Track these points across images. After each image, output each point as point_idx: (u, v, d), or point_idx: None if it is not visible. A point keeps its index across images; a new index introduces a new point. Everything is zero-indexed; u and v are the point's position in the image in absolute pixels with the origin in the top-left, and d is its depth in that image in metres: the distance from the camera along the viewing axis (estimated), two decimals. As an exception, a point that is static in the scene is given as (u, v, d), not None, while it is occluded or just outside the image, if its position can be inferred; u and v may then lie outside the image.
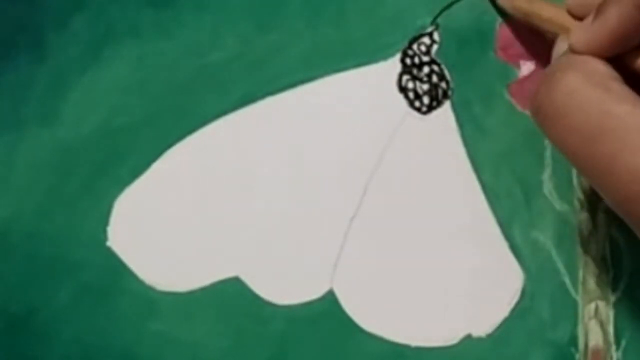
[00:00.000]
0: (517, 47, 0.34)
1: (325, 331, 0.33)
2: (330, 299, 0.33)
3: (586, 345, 0.32)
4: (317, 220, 0.34)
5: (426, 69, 0.35)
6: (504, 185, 0.34)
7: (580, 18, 0.28)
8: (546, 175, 0.34)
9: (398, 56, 0.35)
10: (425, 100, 0.34)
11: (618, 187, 0.23)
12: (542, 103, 0.26)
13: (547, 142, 0.34)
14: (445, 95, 0.34)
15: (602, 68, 0.25)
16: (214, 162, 0.35)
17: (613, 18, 0.26)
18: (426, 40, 0.35)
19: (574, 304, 0.32)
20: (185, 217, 0.34)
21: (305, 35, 0.35)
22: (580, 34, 0.27)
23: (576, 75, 0.25)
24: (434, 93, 0.34)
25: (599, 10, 0.26)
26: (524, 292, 0.33)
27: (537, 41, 0.33)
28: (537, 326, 0.32)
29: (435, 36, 0.35)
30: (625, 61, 0.26)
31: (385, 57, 0.35)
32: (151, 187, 0.35)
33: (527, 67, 0.34)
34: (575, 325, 0.32)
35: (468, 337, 0.32)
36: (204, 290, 0.33)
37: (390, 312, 0.33)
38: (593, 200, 0.33)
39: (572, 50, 0.27)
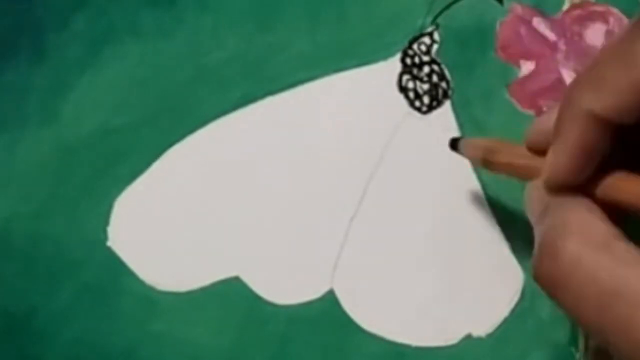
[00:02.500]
0: (517, 47, 0.34)
1: (325, 331, 0.33)
2: (330, 299, 0.33)
3: (586, 345, 0.32)
4: (317, 220, 0.34)
5: (426, 69, 0.35)
6: (504, 185, 0.34)
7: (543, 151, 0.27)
8: (546, 175, 0.34)
9: (398, 56, 0.35)
10: (426, 100, 0.34)
11: (636, 349, 0.23)
12: (547, 274, 0.25)
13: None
14: (446, 95, 0.34)
15: (600, 226, 0.24)
16: (214, 162, 0.35)
17: (571, 135, 0.25)
18: (426, 40, 0.35)
19: (574, 304, 0.32)
20: (185, 217, 0.34)
21: (305, 35, 0.35)
22: (549, 168, 0.26)
23: (578, 241, 0.24)
24: (434, 93, 0.34)
25: (556, 133, 0.25)
26: (524, 292, 0.33)
27: (537, 41, 0.33)
28: (537, 326, 0.32)
29: (435, 36, 0.35)
30: (599, 192, 0.25)
31: (385, 57, 0.35)
32: (151, 187, 0.35)
33: (527, 67, 0.34)
34: (575, 325, 0.32)
35: (468, 337, 0.32)
36: (204, 290, 0.33)
37: (391, 312, 0.33)
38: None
39: (547, 186, 0.26)
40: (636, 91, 0.23)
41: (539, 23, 0.34)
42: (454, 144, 0.32)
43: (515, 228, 0.33)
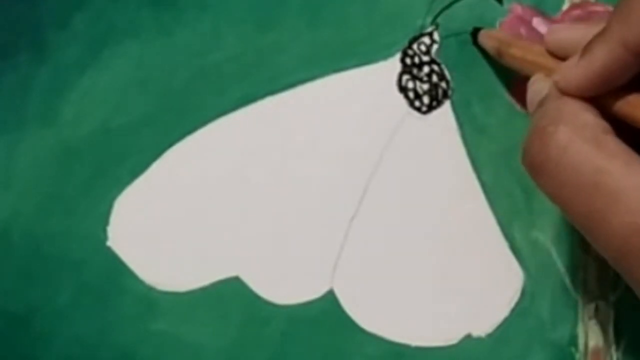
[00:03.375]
0: (517, 47, 0.34)
1: (325, 331, 0.33)
2: (330, 299, 0.33)
3: (586, 345, 0.32)
4: (317, 220, 0.34)
5: (426, 69, 0.35)
6: (504, 185, 0.34)
7: (560, 59, 0.28)
8: (546, 175, 0.34)
9: (398, 56, 0.35)
10: (425, 100, 0.34)
11: (612, 243, 0.24)
12: (535, 158, 0.26)
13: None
14: (445, 95, 0.34)
15: (593, 120, 0.25)
16: (213, 162, 0.35)
17: (600, 57, 0.25)
18: (426, 40, 0.35)
19: (574, 304, 0.32)
20: (185, 217, 0.34)
21: (305, 35, 0.35)
22: (566, 72, 0.26)
23: (569, 129, 0.25)
24: (434, 93, 0.34)
25: (586, 49, 0.26)
26: (524, 292, 0.33)
27: (537, 41, 0.33)
28: (537, 326, 0.32)
29: (435, 36, 0.35)
30: (605, 105, 0.26)
31: (385, 57, 0.35)
32: (151, 187, 0.35)
33: (527, 67, 0.34)
34: (575, 325, 0.32)
35: (468, 337, 0.32)
36: (204, 290, 0.33)
37: (390, 312, 0.33)
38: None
39: (558, 89, 0.27)
40: None
41: (539, 23, 0.34)
42: (475, 36, 0.34)
43: (515, 228, 0.33)
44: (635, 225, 0.23)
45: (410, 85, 0.34)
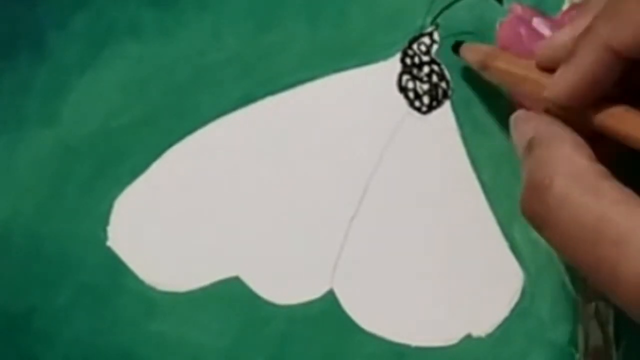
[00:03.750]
0: (517, 47, 0.34)
1: (325, 331, 0.33)
2: (330, 299, 0.33)
3: (586, 345, 0.32)
4: (317, 220, 0.34)
5: (426, 69, 0.35)
6: (504, 185, 0.33)
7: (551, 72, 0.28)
8: (546, 175, 0.34)
9: (398, 56, 0.35)
10: (425, 100, 0.34)
11: (623, 291, 0.23)
12: (534, 211, 0.25)
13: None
14: (445, 95, 0.34)
15: (588, 166, 0.25)
16: (213, 162, 0.35)
17: (586, 58, 0.25)
18: (426, 40, 0.35)
19: (574, 304, 0.32)
20: (185, 217, 0.34)
21: (305, 35, 0.35)
22: (555, 82, 0.26)
23: (564, 181, 0.24)
24: (434, 93, 0.34)
25: (570, 55, 0.26)
26: (524, 292, 0.33)
27: (537, 41, 0.33)
28: (537, 326, 0.32)
29: (435, 36, 0.35)
30: (593, 122, 0.26)
31: (385, 57, 0.35)
32: (151, 187, 0.35)
33: (527, 67, 0.34)
34: (575, 325, 0.32)
35: (468, 337, 0.32)
36: (204, 290, 0.33)
37: (390, 312, 0.33)
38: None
39: (550, 101, 0.26)
40: None
41: (539, 23, 0.34)
42: (456, 48, 0.33)
43: (515, 228, 0.33)
44: None
45: (410, 85, 0.34)
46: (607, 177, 0.24)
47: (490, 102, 0.34)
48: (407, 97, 0.34)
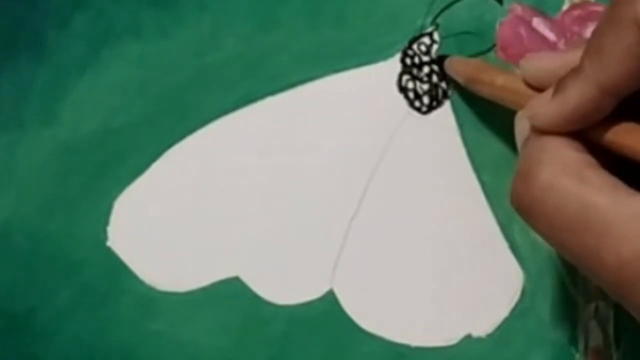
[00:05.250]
0: (517, 47, 0.34)
1: (325, 331, 0.33)
2: (330, 299, 0.33)
3: (586, 345, 0.32)
4: (317, 220, 0.34)
5: (426, 69, 0.35)
6: (504, 185, 0.33)
7: (536, 89, 0.28)
8: (546, 175, 0.34)
9: (398, 56, 0.35)
10: (425, 100, 0.34)
11: (607, 275, 0.23)
12: (521, 200, 0.26)
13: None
14: (445, 95, 0.34)
15: (574, 156, 0.25)
16: (214, 162, 0.35)
17: (574, 97, 0.25)
18: (426, 40, 0.35)
19: (574, 304, 0.32)
20: (185, 217, 0.34)
21: (305, 35, 0.35)
22: (541, 110, 0.26)
23: (550, 170, 0.25)
24: (434, 93, 0.34)
25: (559, 88, 0.25)
26: (524, 292, 0.33)
27: (537, 41, 0.33)
28: (537, 326, 0.32)
29: (435, 36, 0.35)
30: (588, 135, 0.26)
31: (385, 57, 0.35)
32: (151, 187, 0.35)
33: (527, 67, 0.34)
34: (575, 325, 0.32)
35: (468, 337, 0.32)
36: (204, 290, 0.33)
37: (390, 312, 0.33)
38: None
39: (534, 127, 0.26)
40: (631, 58, 0.23)
41: (539, 23, 0.34)
42: (441, 61, 0.33)
43: (515, 228, 0.33)
44: (626, 256, 0.22)
45: (410, 85, 0.34)
46: (593, 166, 0.25)
47: (490, 102, 0.34)
48: (407, 97, 0.34)
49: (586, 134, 0.26)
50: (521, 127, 0.28)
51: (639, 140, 0.25)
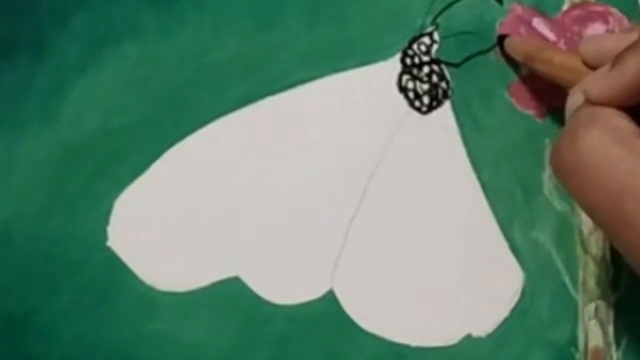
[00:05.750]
0: (517, 47, 0.34)
1: (325, 331, 0.33)
2: (330, 299, 0.33)
3: (586, 345, 0.32)
4: (317, 220, 0.34)
5: (426, 69, 0.35)
6: (504, 185, 0.34)
7: (594, 68, 0.28)
8: (546, 175, 0.34)
9: (398, 56, 0.35)
10: (425, 100, 0.34)
11: (638, 241, 0.23)
12: (564, 158, 0.26)
13: (547, 141, 0.34)
14: (445, 95, 0.34)
15: (625, 124, 0.25)
16: (213, 162, 0.35)
17: (631, 69, 0.25)
18: (426, 40, 0.35)
19: (574, 304, 0.32)
20: (185, 217, 0.34)
21: (305, 35, 0.35)
22: (596, 82, 0.26)
23: (600, 131, 0.25)
24: (434, 93, 0.34)
25: (617, 60, 0.26)
26: (524, 292, 0.33)
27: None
28: (537, 326, 0.32)
29: (435, 36, 0.35)
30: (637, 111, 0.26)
31: (385, 57, 0.35)
32: (151, 187, 0.35)
33: (526, 67, 0.34)
34: (575, 325, 0.32)
35: (468, 337, 0.32)
36: (204, 290, 0.33)
37: (390, 312, 0.33)
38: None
39: (588, 99, 0.27)
40: None
41: (539, 23, 0.34)
42: (501, 40, 0.34)
43: (515, 228, 0.33)
44: None
45: (410, 85, 0.34)
46: None
47: (490, 102, 0.34)
48: (407, 97, 0.34)
49: (637, 112, 0.26)
50: (573, 101, 0.28)
51: None
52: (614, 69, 0.26)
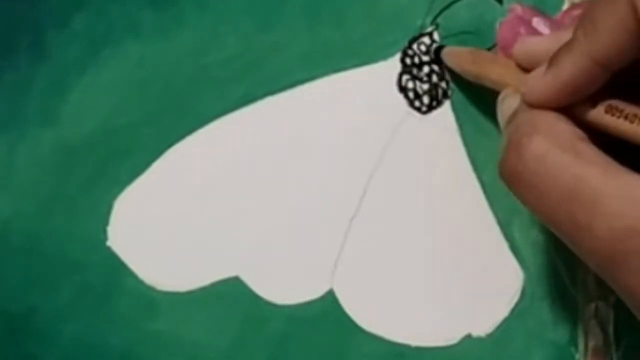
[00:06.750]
0: (517, 47, 0.34)
1: (325, 331, 0.33)
2: (330, 299, 0.33)
3: (586, 345, 0.32)
4: (317, 220, 0.34)
5: (426, 69, 0.35)
6: (504, 185, 0.33)
7: (528, 70, 0.28)
8: (546, 175, 0.34)
9: (398, 56, 0.35)
10: (425, 100, 0.34)
11: (595, 250, 0.23)
12: (512, 170, 0.25)
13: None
14: (445, 95, 0.34)
15: (567, 128, 0.25)
16: (213, 162, 0.35)
17: (567, 69, 0.25)
18: (426, 40, 0.35)
19: (574, 304, 0.32)
20: (185, 217, 0.34)
21: (305, 35, 0.35)
22: (534, 85, 0.26)
23: (544, 139, 0.25)
24: (434, 93, 0.34)
25: (553, 61, 0.26)
26: (524, 292, 0.33)
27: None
28: (537, 326, 0.32)
29: (435, 36, 0.35)
30: (576, 113, 0.26)
31: (385, 57, 0.35)
32: (151, 187, 0.35)
33: (527, 67, 0.34)
34: (575, 325, 0.32)
35: (468, 337, 0.32)
36: (204, 290, 0.33)
37: (391, 312, 0.33)
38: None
39: (526, 102, 0.26)
40: (624, 30, 0.23)
41: (539, 23, 0.34)
42: (438, 52, 0.34)
43: (515, 228, 0.33)
44: (617, 231, 0.22)
45: (410, 85, 0.34)
46: (585, 139, 0.25)
47: (490, 102, 0.34)
48: (407, 97, 0.34)
49: (573, 111, 0.26)
50: (508, 105, 0.28)
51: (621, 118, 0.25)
52: (550, 70, 0.26)
